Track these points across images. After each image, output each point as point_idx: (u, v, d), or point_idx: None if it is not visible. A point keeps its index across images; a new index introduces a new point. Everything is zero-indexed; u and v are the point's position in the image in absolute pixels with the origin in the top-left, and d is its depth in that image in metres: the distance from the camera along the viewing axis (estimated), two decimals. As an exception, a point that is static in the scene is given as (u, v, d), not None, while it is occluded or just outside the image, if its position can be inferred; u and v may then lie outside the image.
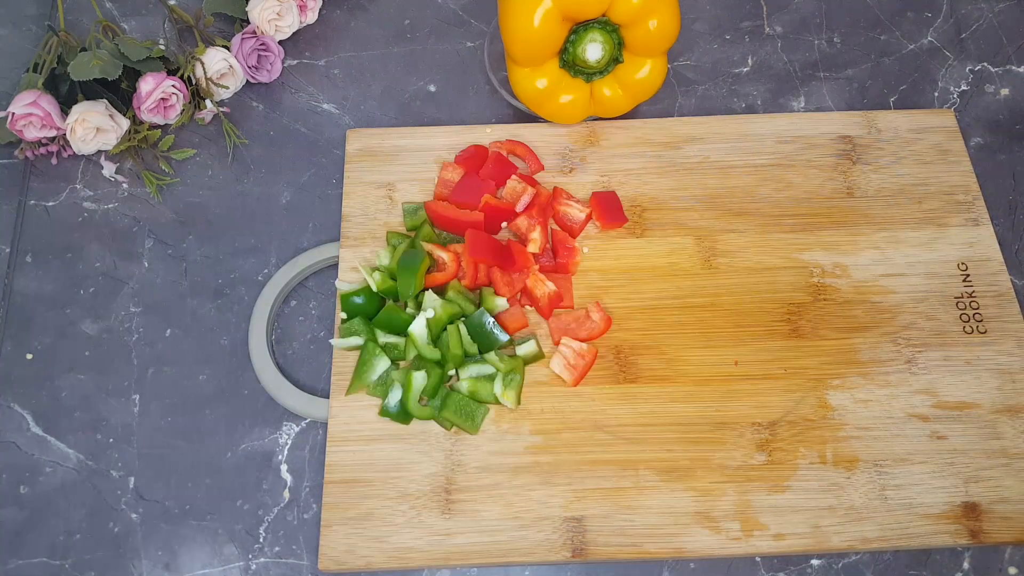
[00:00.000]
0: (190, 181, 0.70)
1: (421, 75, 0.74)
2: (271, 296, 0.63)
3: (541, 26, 0.59)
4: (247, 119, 0.72)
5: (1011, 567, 0.56)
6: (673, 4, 0.60)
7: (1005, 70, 0.74)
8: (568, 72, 0.64)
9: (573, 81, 0.65)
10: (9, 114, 0.66)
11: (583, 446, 0.57)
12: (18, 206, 0.69)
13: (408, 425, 0.58)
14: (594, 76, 0.64)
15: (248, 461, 0.59)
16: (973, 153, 0.69)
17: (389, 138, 0.68)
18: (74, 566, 0.56)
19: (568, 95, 0.65)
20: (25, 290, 0.65)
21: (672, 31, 0.61)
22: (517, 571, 0.56)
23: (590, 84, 0.65)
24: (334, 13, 0.78)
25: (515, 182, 0.64)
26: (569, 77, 0.64)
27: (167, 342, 0.63)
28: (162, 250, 0.67)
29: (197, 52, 0.71)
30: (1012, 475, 0.56)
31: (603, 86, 0.65)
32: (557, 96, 0.65)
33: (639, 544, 0.54)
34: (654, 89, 0.66)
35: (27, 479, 0.59)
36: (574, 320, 0.61)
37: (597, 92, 0.65)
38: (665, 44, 0.62)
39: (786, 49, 0.75)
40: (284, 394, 0.60)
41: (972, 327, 0.61)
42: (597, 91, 0.65)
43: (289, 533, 0.57)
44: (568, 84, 0.65)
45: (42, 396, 0.61)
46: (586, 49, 0.61)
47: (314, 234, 0.67)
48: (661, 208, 0.65)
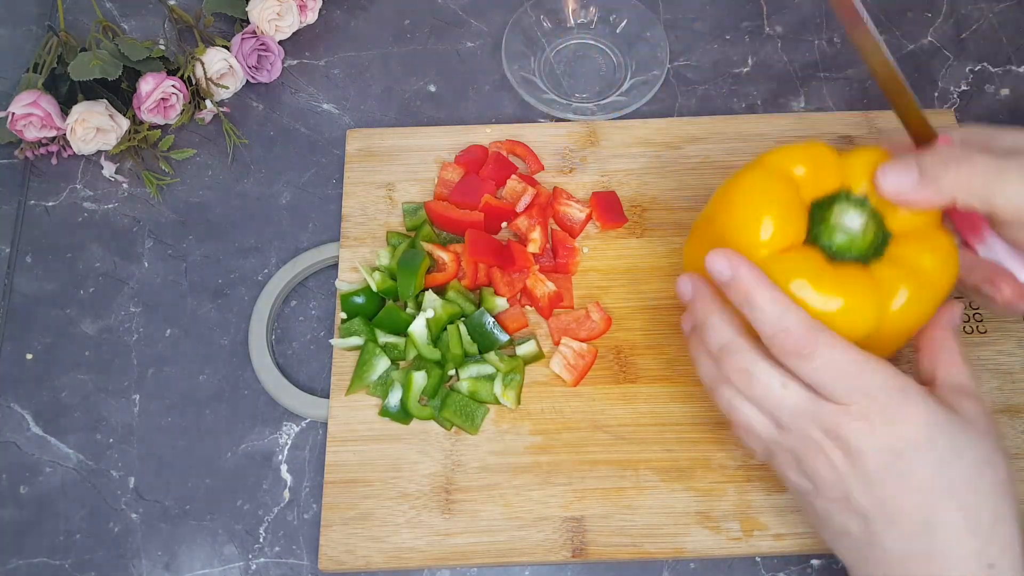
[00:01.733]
0: (190, 181, 0.70)
1: (421, 75, 0.74)
2: (271, 296, 0.63)
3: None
4: (247, 119, 0.72)
5: (1011, 567, 0.56)
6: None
7: (1005, 70, 0.74)
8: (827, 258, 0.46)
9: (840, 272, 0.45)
10: (9, 114, 0.66)
11: (583, 446, 0.57)
12: (18, 206, 0.69)
13: (408, 425, 0.58)
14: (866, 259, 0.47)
15: (248, 461, 0.59)
16: (973, 153, 0.69)
17: (389, 138, 0.68)
18: (74, 566, 0.56)
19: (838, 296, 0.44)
20: (25, 290, 0.65)
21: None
22: (517, 571, 0.56)
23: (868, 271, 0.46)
24: (334, 13, 0.77)
25: (515, 182, 0.64)
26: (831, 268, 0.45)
27: (167, 342, 0.63)
28: (162, 250, 0.67)
29: (197, 52, 0.71)
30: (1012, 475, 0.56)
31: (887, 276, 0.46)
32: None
33: (639, 544, 0.54)
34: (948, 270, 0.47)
35: (27, 479, 0.59)
36: (574, 320, 0.61)
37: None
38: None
39: (786, 49, 0.75)
40: (284, 394, 0.60)
41: (972, 327, 0.61)
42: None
43: (289, 533, 0.57)
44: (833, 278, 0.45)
45: (42, 396, 0.62)
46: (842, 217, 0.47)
47: (314, 234, 0.67)
48: (661, 208, 0.65)
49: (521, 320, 0.60)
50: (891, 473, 0.41)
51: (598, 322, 0.60)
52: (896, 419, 0.41)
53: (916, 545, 0.41)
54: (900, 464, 0.41)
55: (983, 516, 0.41)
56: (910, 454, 0.41)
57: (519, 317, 0.60)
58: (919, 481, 0.41)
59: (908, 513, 0.41)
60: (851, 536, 0.43)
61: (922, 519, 0.41)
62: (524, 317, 0.61)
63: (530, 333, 0.61)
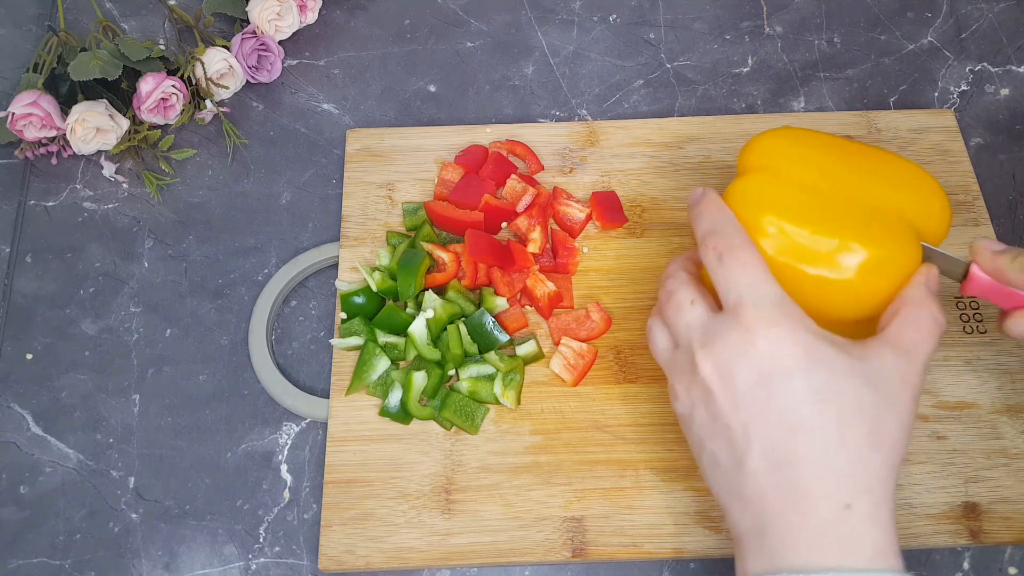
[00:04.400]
0: (190, 181, 0.70)
1: (421, 75, 0.74)
2: (271, 296, 0.63)
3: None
4: (247, 119, 0.72)
5: (1011, 567, 0.56)
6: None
7: (1005, 70, 0.74)
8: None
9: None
10: (9, 114, 0.66)
11: (583, 446, 0.57)
12: (18, 206, 0.69)
13: (408, 425, 0.58)
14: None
15: (248, 461, 0.59)
16: (973, 153, 0.69)
17: (389, 138, 0.68)
18: (74, 566, 0.56)
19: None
20: (25, 290, 0.65)
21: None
22: (517, 571, 0.56)
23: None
24: (334, 13, 0.78)
25: (515, 182, 0.64)
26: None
27: (167, 342, 0.63)
28: (162, 250, 0.67)
29: (197, 52, 0.71)
30: (1012, 475, 0.56)
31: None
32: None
33: (639, 544, 0.54)
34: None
35: (27, 479, 0.59)
36: (574, 320, 0.61)
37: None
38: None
39: (786, 49, 0.75)
40: (284, 394, 0.60)
41: (972, 327, 0.61)
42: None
43: (289, 533, 0.57)
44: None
45: (42, 396, 0.62)
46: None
47: (314, 234, 0.67)
48: (661, 208, 0.65)
49: (521, 320, 0.60)
50: (757, 395, 0.41)
51: (598, 322, 0.60)
52: (775, 339, 0.41)
53: (777, 478, 0.41)
54: (767, 388, 0.41)
55: (843, 457, 0.40)
56: (779, 379, 0.41)
57: (519, 317, 0.60)
58: (784, 409, 0.41)
59: (771, 440, 0.41)
60: (721, 467, 0.43)
61: (783, 449, 0.40)
62: (524, 317, 0.61)
63: (530, 333, 0.61)
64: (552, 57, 0.75)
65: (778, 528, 0.40)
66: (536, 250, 0.62)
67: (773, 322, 0.41)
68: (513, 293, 0.61)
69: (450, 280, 0.61)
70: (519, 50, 0.75)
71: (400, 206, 0.66)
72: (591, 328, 0.60)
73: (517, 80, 0.74)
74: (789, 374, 0.41)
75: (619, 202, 0.65)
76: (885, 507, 0.40)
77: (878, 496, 0.40)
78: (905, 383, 0.42)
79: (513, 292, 0.61)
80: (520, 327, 0.61)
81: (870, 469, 0.40)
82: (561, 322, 0.61)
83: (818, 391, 0.41)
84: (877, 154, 0.50)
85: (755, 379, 0.41)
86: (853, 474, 0.40)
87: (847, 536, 0.39)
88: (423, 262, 0.60)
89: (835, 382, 0.41)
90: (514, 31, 0.76)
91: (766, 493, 0.41)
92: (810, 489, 0.40)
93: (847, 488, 0.40)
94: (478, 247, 0.60)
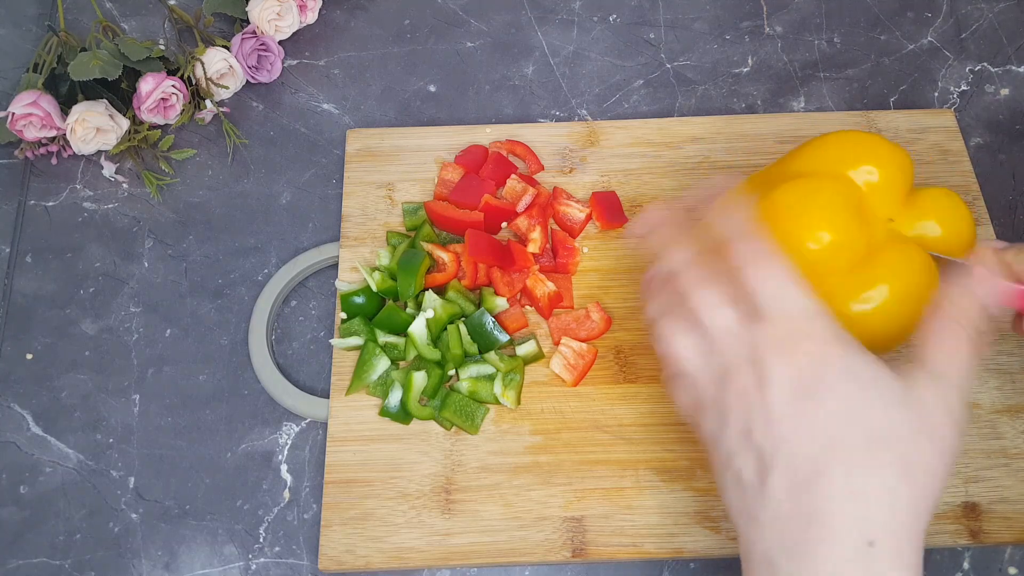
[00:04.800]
0: (190, 181, 0.70)
1: (421, 75, 0.74)
2: (271, 296, 0.63)
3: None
4: (247, 119, 0.72)
5: (1011, 567, 0.56)
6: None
7: (1005, 70, 0.74)
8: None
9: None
10: (9, 114, 0.66)
11: (583, 446, 0.57)
12: (18, 206, 0.69)
13: (408, 425, 0.58)
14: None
15: (248, 461, 0.59)
16: (973, 153, 0.69)
17: (389, 138, 0.68)
18: (74, 566, 0.56)
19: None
20: (25, 290, 0.65)
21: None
22: (517, 571, 0.56)
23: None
24: (334, 13, 0.78)
25: (515, 182, 0.64)
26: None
27: (167, 342, 0.63)
28: (162, 250, 0.67)
29: (197, 52, 0.71)
30: (1012, 475, 0.56)
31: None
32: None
33: (639, 544, 0.54)
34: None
35: (27, 479, 0.59)
36: (574, 320, 0.61)
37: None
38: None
39: (786, 49, 0.75)
40: (284, 394, 0.60)
41: (972, 327, 0.61)
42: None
43: (289, 533, 0.57)
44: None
45: (42, 396, 0.62)
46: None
47: (314, 234, 0.67)
48: (661, 208, 0.65)
49: (521, 320, 0.60)
50: (794, 410, 0.39)
51: (598, 322, 0.60)
52: (816, 354, 0.39)
53: (798, 501, 0.38)
54: (806, 404, 0.39)
55: (872, 487, 0.37)
56: (817, 396, 0.39)
57: (519, 317, 0.60)
58: (819, 428, 0.38)
59: (800, 459, 0.38)
60: (743, 485, 0.40)
61: (809, 468, 0.38)
62: (524, 317, 0.61)
63: (530, 333, 0.61)
64: (552, 57, 0.75)
65: (792, 561, 0.38)
66: (536, 250, 0.62)
67: (815, 337, 0.40)
68: (513, 293, 0.61)
69: (450, 280, 0.61)
70: (519, 50, 0.75)
71: (400, 206, 0.66)
72: (591, 328, 0.60)
73: (517, 80, 0.74)
74: (827, 390, 0.39)
75: (619, 202, 0.65)
76: (911, 549, 0.37)
77: (904, 536, 0.37)
78: (946, 412, 0.40)
79: (513, 292, 0.61)
80: (520, 327, 0.61)
81: (898, 502, 0.37)
82: (561, 322, 0.61)
83: (850, 408, 0.39)
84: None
85: (793, 394, 0.39)
86: (879, 505, 0.37)
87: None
88: (423, 262, 0.60)
89: (868, 399, 0.39)
90: (514, 31, 0.76)
91: (785, 519, 0.38)
92: (832, 517, 0.37)
93: (872, 522, 0.37)
94: (478, 247, 0.60)
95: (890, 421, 0.39)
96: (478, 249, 0.60)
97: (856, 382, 0.39)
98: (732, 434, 0.41)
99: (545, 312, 0.61)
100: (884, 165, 0.49)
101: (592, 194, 0.65)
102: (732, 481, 0.41)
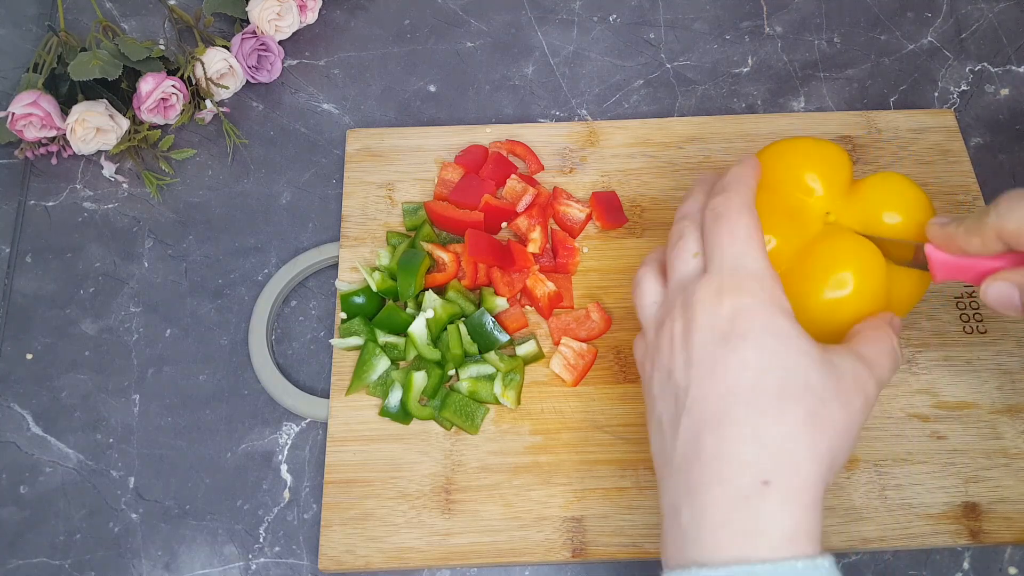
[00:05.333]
0: (190, 181, 0.70)
1: (421, 75, 0.74)
2: (271, 296, 0.63)
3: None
4: (247, 119, 0.72)
5: (1011, 567, 0.56)
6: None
7: (1005, 70, 0.74)
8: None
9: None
10: (9, 114, 0.66)
11: (583, 446, 0.57)
12: (18, 206, 0.69)
13: (408, 425, 0.58)
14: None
15: (248, 461, 0.59)
16: (973, 153, 0.69)
17: (389, 138, 0.68)
18: (74, 566, 0.56)
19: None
20: (25, 290, 0.65)
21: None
22: (517, 571, 0.56)
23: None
24: (334, 13, 0.78)
25: (515, 182, 0.64)
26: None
27: (167, 342, 0.63)
28: (162, 250, 0.67)
29: (197, 52, 0.71)
30: (1012, 475, 0.56)
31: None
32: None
33: (639, 544, 0.54)
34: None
35: (27, 479, 0.59)
36: (574, 320, 0.61)
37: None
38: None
39: (786, 49, 0.75)
40: (284, 394, 0.60)
41: (972, 327, 0.61)
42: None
43: (289, 533, 0.57)
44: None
45: (42, 396, 0.62)
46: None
47: (314, 234, 0.67)
48: (661, 208, 0.65)
49: (521, 320, 0.60)
50: (710, 355, 0.40)
51: (598, 322, 0.60)
52: (740, 307, 0.41)
53: (703, 446, 0.39)
54: (720, 350, 0.40)
55: (776, 434, 0.39)
56: (732, 343, 0.40)
57: (519, 317, 0.60)
58: (728, 372, 0.40)
59: (709, 401, 0.40)
60: (663, 430, 0.42)
61: (718, 411, 0.40)
62: (524, 317, 0.61)
63: (530, 333, 0.61)
64: (552, 57, 0.75)
65: (695, 504, 0.39)
66: (536, 250, 0.62)
67: (745, 291, 0.41)
68: (513, 293, 0.61)
69: (450, 280, 0.61)
70: (519, 50, 0.75)
71: (400, 206, 0.66)
72: (591, 328, 0.60)
73: (517, 80, 0.74)
74: (743, 338, 0.40)
75: (619, 202, 0.65)
76: (808, 495, 0.38)
77: (802, 479, 0.38)
78: (859, 385, 0.42)
79: (513, 292, 0.61)
80: (520, 327, 0.61)
81: (800, 448, 0.39)
82: (561, 322, 0.61)
83: (766, 360, 0.40)
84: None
85: (712, 340, 0.41)
86: (780, 449, 0.38)
87: (756, 518, 0.37)
88: (423, 262, 0.60)
89: (786, 356, 0.40)
90: (514, 31, 0.76)
91: (690, 462, 0.40)
92: (730, 458, 0.39)
93: (769, 463, 0.38)
94: (478, 247, 0.60)
95: (806, 379, 0.40)
96: (478, 249, 0.60)
97: (777, 338, 0.40)
98: (658, 378, 0.43)
99: (545, 312, 0.61)
100: (814, 165, 0.50)
101: (592, 194, 0.65)
102: (655, 427, 0.43)
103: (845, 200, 0.49)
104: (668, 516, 0.41)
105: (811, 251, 0.48)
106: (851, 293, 0.46)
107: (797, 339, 0.41)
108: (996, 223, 0.42)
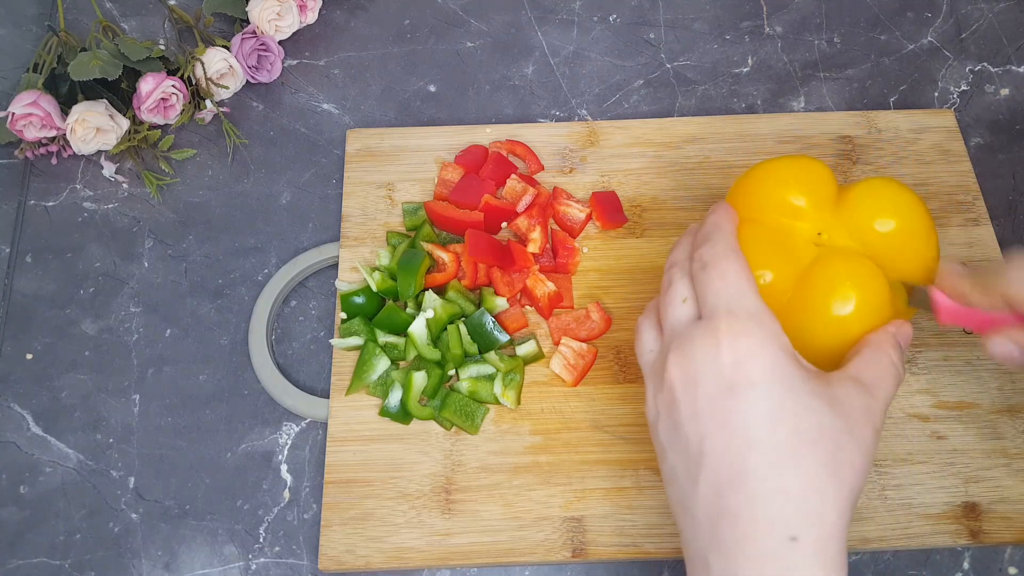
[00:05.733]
0: (190, 181, 0.70)
1: (421, 75, 0.74)
2: (271, 296, 0.63)
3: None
4: (247, 119, 0.72)
5: (1011, 567, 0.56)
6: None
7: (1005, 70, 0.74)
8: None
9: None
10: (9, 114, 0.66)
11: (583, 446, 0.57)
12: (18, 206, 0.69)
13: (408, 425, 0.58)
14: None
15: (248, 461, 0.59)
16: (973, 153, 0.69)
17: (389, 138, 0.68)
18: (74, 566, 0.56)
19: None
20: (25, 290, 0.65)
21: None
22: (517, 571, 0.56)
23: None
24: (334, 13, 0.78)
25: (515, 182, 0.64)
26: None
27: (167, 342, 0.63)
28: (162, 250, 0.67)
29: (197, 52, 0.71)
30: (1012, 475, 0.56)
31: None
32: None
33: (639, 544, 0.54)
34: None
35: (27, 479, 0.59)
36: (574, 320, 0.61)
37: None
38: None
39: (786, 49, 0.75)
40: (284, 394, 0.60)
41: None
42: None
43: (289, 533, 0.57)
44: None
45: (42, 396, 0.62)
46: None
47: (314, 234, 0.67)
48: (661, 208, 0.65)
49: (521, 320, 0.60)
50: (718, 407, 0.40)
51: (598, 322, 0.60)
52: (743, 351, 0.40)
53: (726, 501, 0.39)
54: (729, 400, 0.39)
55: (797, 486, 0.38)
56: (740, 393, 0.39)
57: (519, 317, 0.60)
58: (740, 424, 0.39)
59: (724, 456, 0.39)
60: (678, 481, 0.41)
61: (735, 466, 0.39)
62: (524, 317, 0.61)
63: (530, 333, 0.61)
64: (552, 57, 0.75)
65: (725, 559, 0.39)
66: (536, 250, 0.62)
67: (744, 333, 0.40)
68: (513, 293, 0.61)
69: (450, 280, 0.61)
70: (519, 50, 0.75)
71: (400, 206, 0.66)
72: (591, 328, 0.60)
73: (517, 80, 0.74)
74: (751, 387, 0.39)
75: (619, 202, 0.65)
76: (834, 544, 0.38)
77: (828, 531, 0.38)
78: (867, 417, 0.41)
79: (513, 292, 0.61)
80: (520, 327, 0.61)
81: (824, 498, 0.38)
82: (561, 322, 0.61)
83: (777, 408, 0.39)
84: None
85: (717, 390, 0.40)
86: (804, 500, 0.38)
87: (787, 572, 0.37)
88: (423, 262, 0.60)
89: (796, 401, 0.40)
90: (514, 31, 0.76)
91: (715, 518, 0.39)
92: (756, 514, 0.38)
93: (795, 517, 0.38)
94: (478, 247, 0.60)
95: (820, 422, 0.40)
96: (478, 249, 0.60)
97: (783, 383, 0.40)
98: (664, 428, 0.43)
99: (545, 312, 0.61)
100: (795, 183, 0.49)
101: (592, 194, 0.65)
102: (669, 476, 0.43)
103: (834, 213, 0.49)
104: (696, 564, 0.41)
105: (809, 276, 0.47)
106: (854, 311, 0.46)
107: (803, 381, 0.40)
108: (1005, 289, 0.43)
